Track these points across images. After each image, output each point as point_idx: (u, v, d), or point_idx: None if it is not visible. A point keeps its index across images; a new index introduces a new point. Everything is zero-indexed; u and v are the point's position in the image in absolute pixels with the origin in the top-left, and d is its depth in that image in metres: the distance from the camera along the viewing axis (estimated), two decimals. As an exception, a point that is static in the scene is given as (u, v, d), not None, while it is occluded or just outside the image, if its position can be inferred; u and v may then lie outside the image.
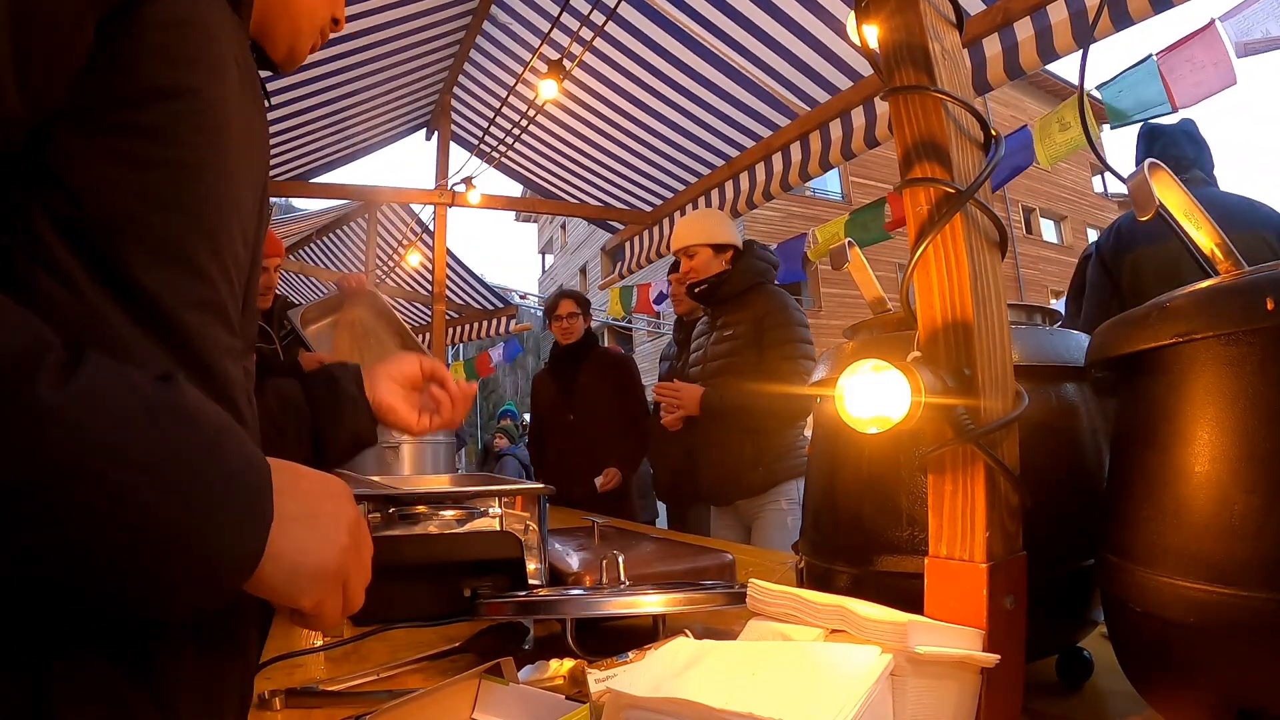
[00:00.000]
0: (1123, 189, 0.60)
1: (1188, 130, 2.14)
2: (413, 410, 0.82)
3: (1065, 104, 2.64)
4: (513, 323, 6.57)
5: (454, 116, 4.53)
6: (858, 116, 2.76)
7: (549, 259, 30.42)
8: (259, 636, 0.59)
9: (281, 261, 2.81)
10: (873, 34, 0.71)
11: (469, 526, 1.20)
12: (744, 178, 3.44)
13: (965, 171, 0.65)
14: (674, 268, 2.79)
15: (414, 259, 5.51)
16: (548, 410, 3.14)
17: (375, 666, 0.84)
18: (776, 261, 2.48)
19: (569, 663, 0.72)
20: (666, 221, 4.08)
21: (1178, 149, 2.08)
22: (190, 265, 0.47)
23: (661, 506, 3.13)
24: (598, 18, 2.79)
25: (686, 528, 2.51)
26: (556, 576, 1.10)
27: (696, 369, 2.38)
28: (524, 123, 3.82)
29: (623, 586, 0.92)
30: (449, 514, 1.21)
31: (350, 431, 0.77)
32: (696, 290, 2.39)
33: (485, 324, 6.56)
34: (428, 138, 4.77)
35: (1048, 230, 21.24)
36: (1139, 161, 2.25)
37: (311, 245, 6.46)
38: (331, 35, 0.72)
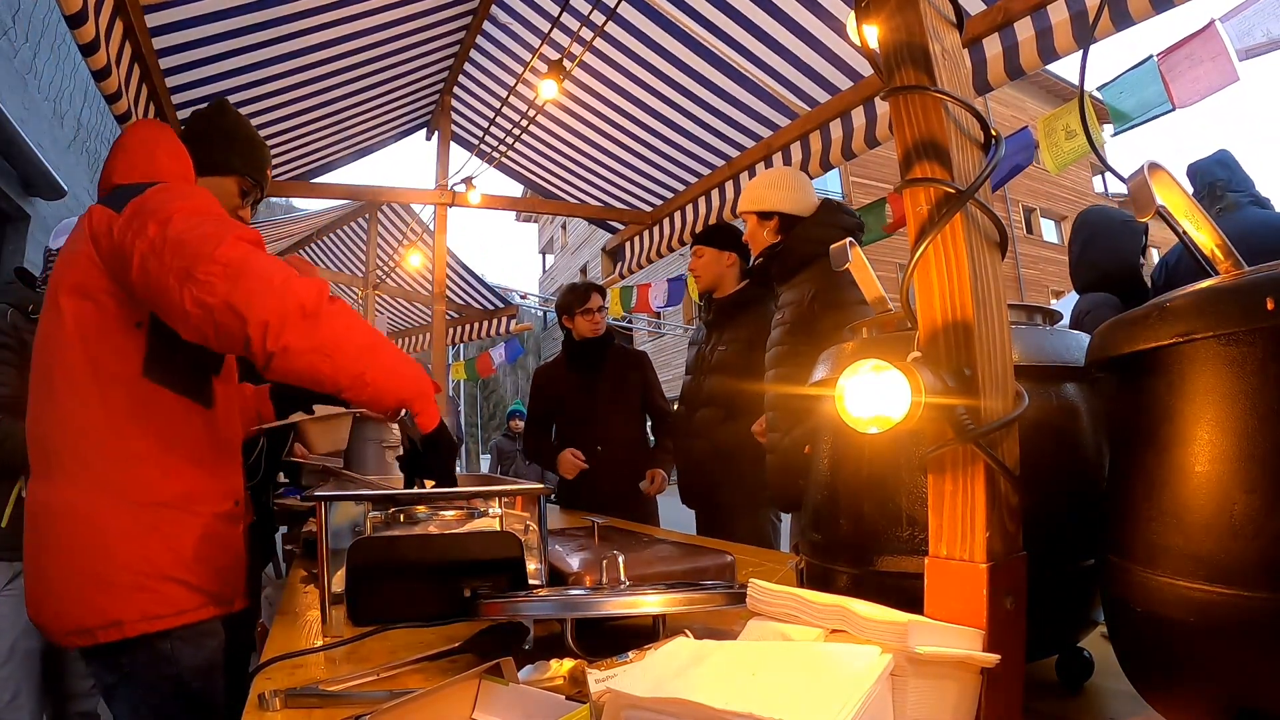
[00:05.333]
0: (1123, 189, 0.60)
1: (1220, 158, 2.24)
2: None
3: (1067, 106, 2.64)
4: (513, 323, 6.57)
5: (454, 116, 4.53)
6: (858, 116, 2.75)
7: (549, 259, 30.44)
8: None
9: None
10: (873, 34, 0.71)
11: (469, 526, 1.20)
12: (744, 178, 3.44)
13: (965, 171, 0.65)
14: (704, 239, 2.58)
15: (414, 259, 5.51)
16: (566, 406, 2.94)
17: (375, 666, 0.84)
18: (855, 223, 2.08)
19: (569, 663, 0.72)
20: (666, 221, 4.08)
21: (1211, 176, 2.19)
22: None
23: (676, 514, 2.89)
24: (598, 18, 2.79)
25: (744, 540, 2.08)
26: (556, 576, 1.10)
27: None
28: (524, 123, 3.82)
29: (623, 586, 0.92)
30: (449, 514, 1.21)
31: None
32: (754, 264, 2.10)
33: (485, 324, 6.56)
34: (428, 138, 4.77)
35: (1048, 230, 21.25)
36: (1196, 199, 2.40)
37: (311, 245, 6.47)
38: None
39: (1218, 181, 2.17)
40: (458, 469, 1.25)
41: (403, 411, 1.13)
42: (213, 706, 1.18)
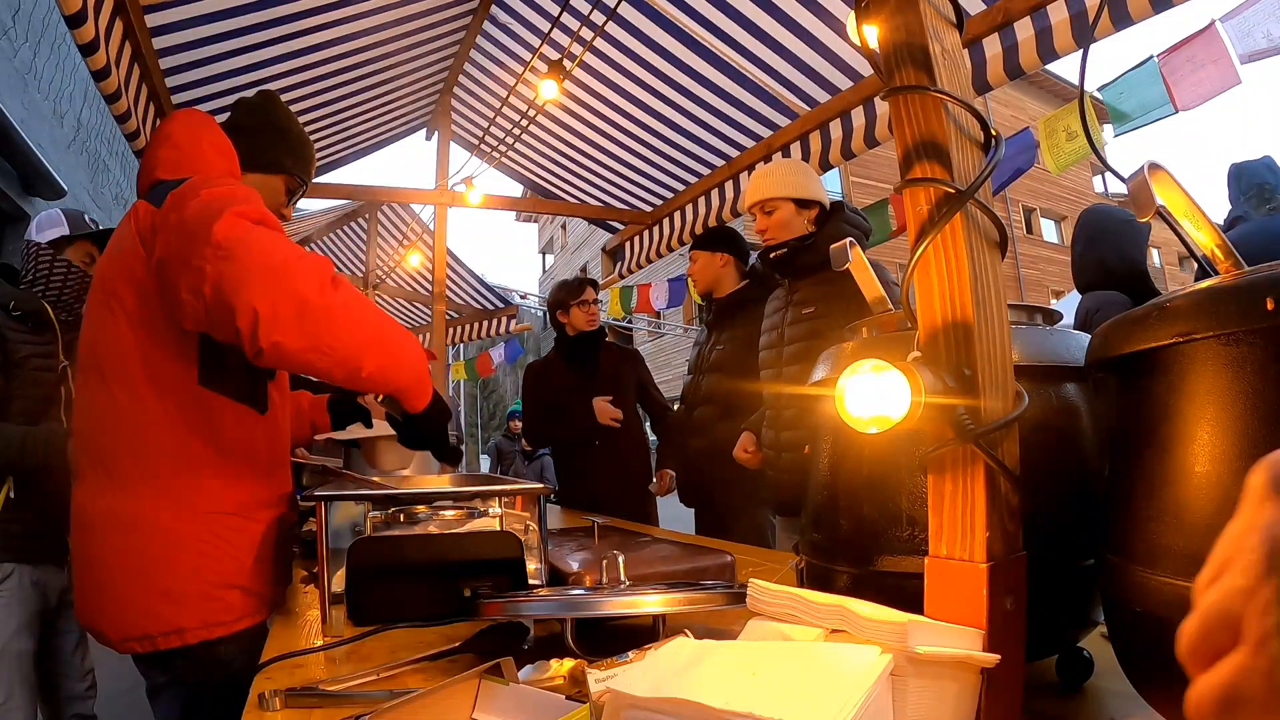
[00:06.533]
0: (1123, 189, 0.60)
1: (1267, 163, 2.36)
2: None
3: (1068, 107, 2.65)
4: (513, 323, 6.57)
5: (454, 116, 4.53)
6: (858, 116, 2.76)
7: (549, 259, 30.44)
8: None
9: None
10: (873, 34, 0.71)
11: (469, 526, 1.20)
12: (744, 178, 3.44)
13: (965, 171, 0.65)
14: (697, 244, 2.59)
15: (414, 259, 5.51)
16: (562, 403, 2.86)
17: (375, 666, 0.84)
18: (869, 227, 2.10)
19: (569, 663, 0.72)
20: (666, 221, 4.08)
21: (1260, 178, 2.31)
22: None
23: (672, 513, 2.89)
24: (598, 18, 2.79)
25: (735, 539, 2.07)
26: (556, 576, 1.10)
27: (770, 352, 2.03)
28: (524, 123, 3.83)
29: (623, 586, 0.92)
30: (449, 514, 1.21)
31: None
32: (773, 256, 1.98)
33: (485, 324, 6.56)
34: (428, 138, 4.77)
35: (1048, 230, 21.25)
36: (1232, 200, 2.51)
37: (311, 245, 6.46)
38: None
39: (1266, 184, 2.28)
40: (459, 468, 1.24)
41: (384, 396, 1.11)
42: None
